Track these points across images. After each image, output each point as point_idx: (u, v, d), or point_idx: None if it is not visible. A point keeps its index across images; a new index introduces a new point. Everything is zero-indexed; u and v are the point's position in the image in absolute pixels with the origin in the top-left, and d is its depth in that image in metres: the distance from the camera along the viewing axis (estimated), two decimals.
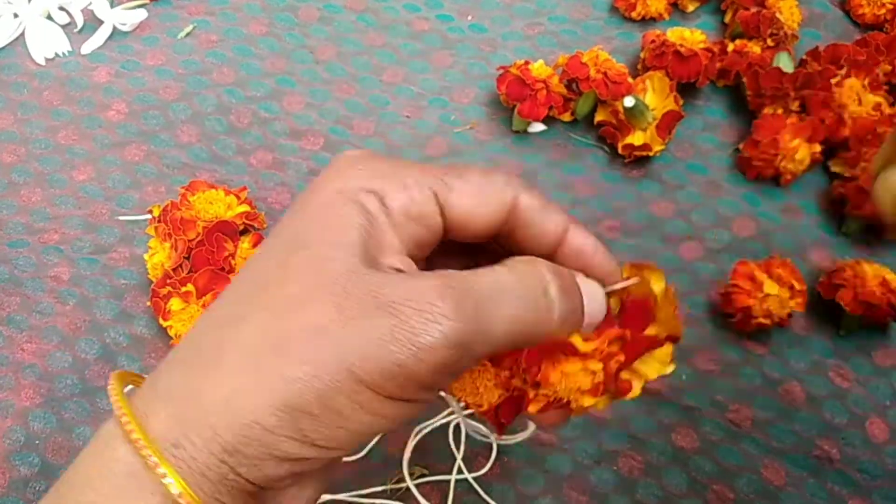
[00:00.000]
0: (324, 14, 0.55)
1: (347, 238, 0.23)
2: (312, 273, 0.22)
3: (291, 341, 0.22)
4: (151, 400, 0.23)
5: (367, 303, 0.22)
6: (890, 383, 0.43)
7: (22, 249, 0.46)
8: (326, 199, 0.24)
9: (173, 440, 0.22)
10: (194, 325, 0.25)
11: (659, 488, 0.40)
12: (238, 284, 0.24)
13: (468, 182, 0.25)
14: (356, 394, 0.22)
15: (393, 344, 0.21)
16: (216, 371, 0.22)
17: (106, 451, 0.23)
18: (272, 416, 0.22)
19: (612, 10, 0.55)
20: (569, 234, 0.26)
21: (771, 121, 0.47)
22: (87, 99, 0.51)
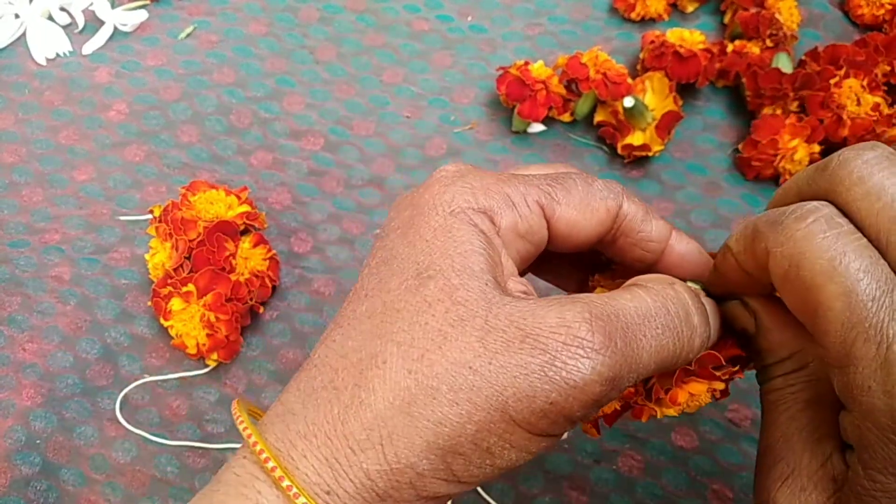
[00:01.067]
0: (324, 14, 0.55)
1: (474, 264, 0.22)
2: (449, 305, 0.22)
3: (440, 381, 0.21)
4: (290, 438, 0.22)
5: (511, 335, 0.21)
6: None
7: (23, 249, 0.46)
8: (440, 223, 0.23)
9: (326, 487, 0.21)
10: (318, 358, 0.24)
11: (658, 487, 0.41)
12: (361, 315, 0.23)
13: (571, 192, 0.25)
14: (508, 433, 0.21)
15: (545, 382, 0.21)
16: (364, 413, 0.21)
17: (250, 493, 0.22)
18: (425, 459, 0.21)
19: (612, 11, 0.55)
20: (672, 240, 0.26)
21: (770, 121, 0.47)
22: (88, 99, 0.51)
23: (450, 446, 0.21)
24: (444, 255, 0.22)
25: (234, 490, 0.22)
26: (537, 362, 0.21)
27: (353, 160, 0.50)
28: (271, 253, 0.44)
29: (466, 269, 0.22)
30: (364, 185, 0.49)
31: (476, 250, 0.22)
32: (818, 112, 0.47)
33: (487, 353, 0.21)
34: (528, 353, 0.21)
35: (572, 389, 0.21)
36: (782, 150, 0.47)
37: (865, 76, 0.47)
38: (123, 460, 0.41)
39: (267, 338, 0.44)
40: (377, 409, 0.21)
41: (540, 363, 0.21)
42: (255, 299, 0.43)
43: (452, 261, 0.22)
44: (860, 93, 0.47)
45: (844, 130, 0.47)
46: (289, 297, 0.45)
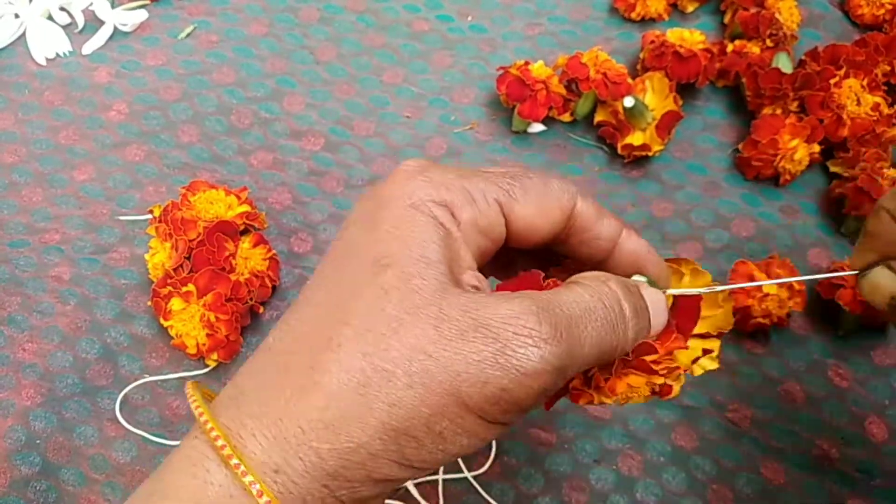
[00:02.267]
0: (324, 15, 0.55)
1: (432, 255, 0.23)
2: (405, 292, 0.22)
3: (395, 365, 0.21)
4: (241, 418, 0.22)
5: (465, 324, 0.22)
6: (889, 383, 0.43)
7: (23, 249, 0.46)
8: (400, 214, 0.23)
9: (274, 465, 0.22)
10: (272, 341, 0.24)
11: (658, 487, 0.41)
12: (318, 300, 0.24)
13: (529, 192, 0.25)
14: (460, 418, 0.22)
15: (497, 369, 0.21)
16: (316, 394, 0.22)
17: (198, 472, 0.22)
18: (377, 440, 0.22)
19: (612, 11, 0.55)
20: (622, 238, 0.27)
21: (770, 121, 0.47)
22: (88, 99, 0.51)
23: (403, 428, 0.22)
24: (402, 244, 0.23)
25: (183, 469, 0.22)
26: (490, 350, 0.21)
27: (353, 160, 0.50)
28: (271, 253, 0.44)
29: (423, 258, 0.23)
30: (364, 185, 0.49)
31: (433, 241, 0.23)
32: (818, 112, 0.47)
33: (442, 340, 0.22)
34: (481, 342, 0.22)
35: (523, 377, 0.22)
36: (782, 149, 0.47)
37: (865, 76, 0.47)
38: (123, 460, 0.41)
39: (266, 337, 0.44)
40: (330, 389, 0.22)
41: (492, 351, 0.21)
42: (254, 299, 0.43)
43: (410, 250, 0.23)
44: (860, 93, 0.47)
45: (844, 130, 0.47)
46: (289, 297, 0.45)
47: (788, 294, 0.43)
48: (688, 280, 0.28)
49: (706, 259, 0.46)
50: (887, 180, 0.44)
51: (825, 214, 0.48)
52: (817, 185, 0.49)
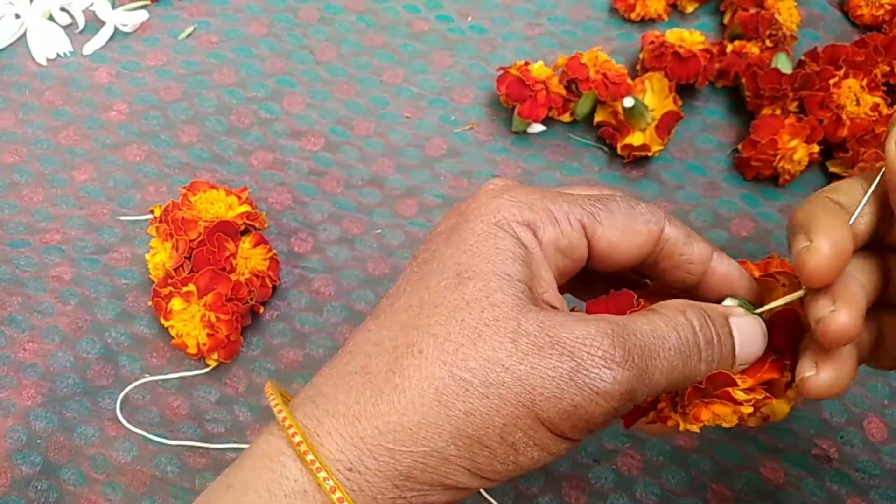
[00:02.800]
0: (324, 15, 0.55)
1: (513, 272, 0.24)
2: (485, 305, 0.23)
3: (473, 375, 0.22)
4: (318, 416, 0.23)
5: (542, 341, 0.23)
6: (888, 382, 0.43)
7: (23, 249, 0.46)
8: (484, 230, 0.24)
9: (348, 463, 0.23)
10: (352, 345, 0.25)
11: (658, 487, 0.41)
12: (399, 308, 0.25)
13: (614, 214, 0.26)
14: (532, 430, 0.23)
15: (571, 386, 0.22)
16: (396, 397, 0.23)
17: (275, 466, 0.23)
18: (452, 446, 0.23)
19: (612, 11, 0.55)
20: (713, 262, 0.27)
21: (769, 121, 0.47)
22: (89, 99, 0.51)
23: (477, 437, 0.23)
24: (485, 259, 0.24)
25: (259, 463, 0.24)
26: (565, 367, 0.22)
27: (353, 160, 0.50)
28: (271, 253, 0.44)
29: (505, 274, 0.24)
30: (364, 185, 0.49)
31: (515, 259, 0.24)
32: (817, 112, 0.47)
33: (519, 354, 0.22)
34: (557, 359, 0.22)
35: (595, 395, 0.23)
36: (782, 150, 0.47)
37: (865, 76, 0.47)
38: (124, 460, 0.41)
39: (267, 338, 0.44)
40: (410, 394, 0.23)
41: (567, 369, 0.22)
42: (255, 299, 0.43)
43: (493, 266, 0.24)
44: (859, 93, 0.47)
45: (844, 130, 0.47)
46: (289, 297, 0.45)
47: None
48: (782, 292, 0.27)
49: None
50: None
51: None
52: (817, 186, 0.49)
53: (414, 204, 0.49)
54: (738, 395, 0.25)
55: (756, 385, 0.26)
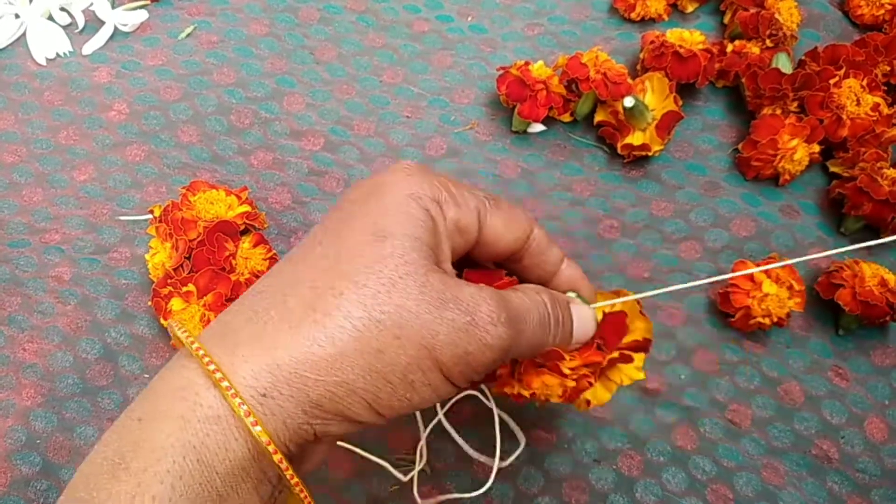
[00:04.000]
0: (324, 15, 0.55)
1: (423, 237, 0.27)
2: (399, 261, 0.26)
3: (388, 317, 0.25)
4: (231, 347, 0.25)
5: (445, 296, 0.26)
6: (888, 383, 0.43)
7: (23, 249, 0.46)
8: (400, 199, 0.27)
9: (262, 389, 0.24)
10: (264, 286, 0.27)
11: (658, 487, 0.41)
12: (317, 256, 0.27)
13: (501, 209, 0.30)
14: (430, 371, 0.26)
15: (465, 335, 0.26)
16: (317, 330, 0.25)
17: (188, 395, 0.24)
18: (362, 379, 0.25)
19: (612, 11, 0.55)
20: (563, 265, 0.32)
21: (769, 121, 0.47)
22: (88, 99, 0.51)
23: (384, 372, 0.25)
24: (399, 224, 0.27)
25: (171, 394, 0.25)
26: (462, 320, 0.26)
27: (353, 160, 0.50)
28: (271, 253, 0.44)
29: (416, 238, 0.27)
30: None
31: (426, 227, 0.27)
32: (818, 112, 0.47)
33: (425, 304, 0.26)
34: (456, 312, 0.26)
35: (484, 346, 0.27)
36: (782, 149, 0.47)
37: (865, 76, 0.47)
38: None
39: None
40: (330, 329, 0.25)
41: (464, 322, 0.26)
42: None
43: (407, 229, 0.27)
44: (860, 93, 0.47)
45: (844, 130, 0.47)
46: None
47: (788, 294, 0.43)
48: (619, 305, 0.34)
49: (706, 259, 0.47)
50: (887, 180, 0.44)
51: (825, 214, 0.48)
52: (817, 185, 0.49)
53: None
54: (565, 369, 0.31)
55: (581, 365, 0.32)
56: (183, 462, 0.24)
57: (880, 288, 0.42)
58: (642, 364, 0.33)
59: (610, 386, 0.34)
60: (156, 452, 0.24)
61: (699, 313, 0.45)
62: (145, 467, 0.24)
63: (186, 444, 0.24)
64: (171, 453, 0.24)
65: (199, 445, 0.24)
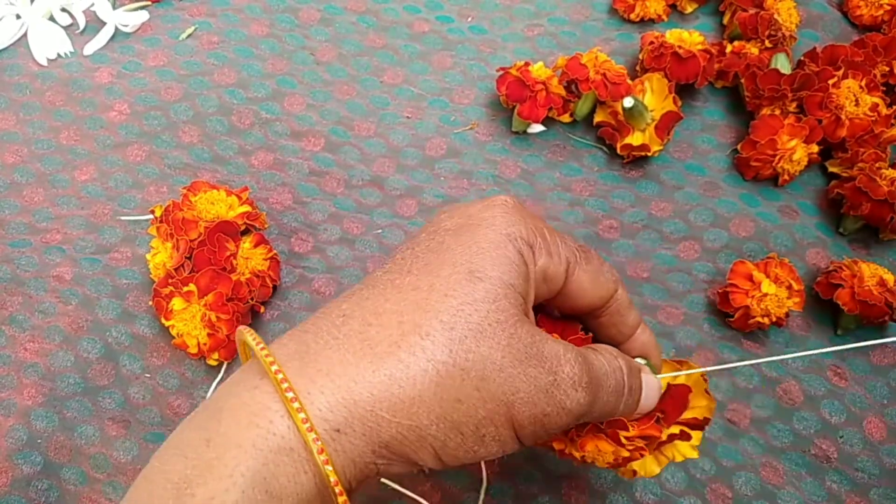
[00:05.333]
0: (325, 15, 0.55)
1: (517, 284, 0.26)
2: (491, 307, 0.25)
3: (472, 366, 0.24)
4: (310, 374, 0.24)
5: (531, 352, 0.25)
6: (887, 382, 0.43)
7: (24, 249, 0.46)
8: (496, 239, 0.27)
9: (336, 424, 0.24)
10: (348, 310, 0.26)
11: (658, 486, 0.41)
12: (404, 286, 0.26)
13: (591, 263, 0.29)
14: (503, 427, 0.25)
15: (546, 397, 0.25)
16: (399, 370, 0.24)
17: (261, 422, 0.23)
18: (434, 426, 0.24)
19: (611, 12, 0.55)
20: (638, 330, 0.32)
21: (769, 121, 0.47)
22: (89, 100, 0.51)
23: (458, 423, 0.24)
24: (495, 266, 0.26)
25: (244, 418, 0.24)
26: (545, 379, 0.25)
27: (353, 160, 0.50)
28: (272, 253, 0.44)
29: (510, 284, 0.26)
30: (364, 186, 0.49)
31: (519, 272, 0.26)
32: (816, 112, 0.47)
33: (511, 356, 0.25)
34: (539, 370, 0.25)
35: (562, 410, 0.26)
36: (781, 150, 0.47)
37: (864, 77, 0.47)
38: (124, 459, 0.41)
39: (268, 337, 0.44)
40: (413, 371, 0.24)
41: (547, 381, 0.25)
42: (255, 299, 0.43)
43: (501, 273, 0.26)
44: (858, 93, 0.47)
45: (843, 131, 0.47)
46: (289, 297, 0.45)
47: (787, 294, 0.43)
48: (682, 378, 0.33)
49: (705, 259, 0.47)
50: (886, 180, 0.45)
51: (824, 214, 0.48)
52: (816, 186, 0.49)
53: (414, 204, 0.49)
54: (623, 439, 0.30)
55: (638, 436, 0.31)
56: (252, 493, 0.23)
57: (879, 288, 0.42)
58: (699, 443, 0.32)
59: (661, 460, 0.33)
60: (224, 481, 0.23)
61: (698, 313, 0.45)
62: (212, 496, 0.23)
63: (256, 475, 0.23)
64: (240, 483, 0.23)
65: (270, 477, 0.23)
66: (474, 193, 0.49)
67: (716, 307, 0.45)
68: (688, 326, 0.45)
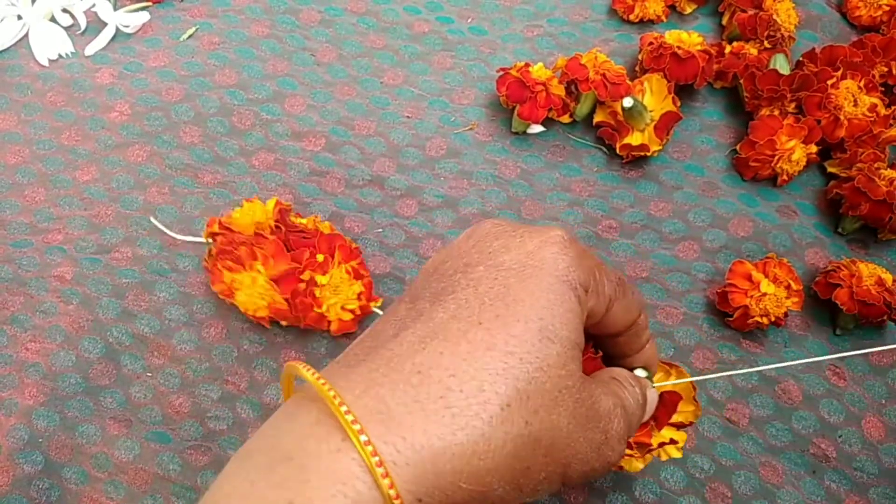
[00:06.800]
0: (325, 17, 0.55)
1: (580, 341, 0.27)
2: (562, 373, 0.26)
3: (543, 436, 0.25)
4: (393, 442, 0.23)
5: (589, 414, 0.27)
6: (886, 382, 0.44)
7: (26, 249, 0.47)
8: (561, 289, 0.27)
9: (419, 494, 0.24)
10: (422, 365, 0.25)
11: (657, 486, 0.41)
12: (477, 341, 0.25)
13: (626, 296, 0.30)
14: (556, 482, 0.26)
15: (597, 455, 0.27)
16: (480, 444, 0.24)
17: (349, 492, 0.23)
18: (502, 488, 0.25)
19: (611, 13, 0.55)
20: (648, 344, 0.33)
21: (767, 122, 0.48)
22: (91, 100, 0.51)
23: (521, 484, 0.25)
24: (564, 325, 0.26)
25: (331, 486, 0.23)
26: (598, 439, 0.27)
27: (354, 160, 0.50)
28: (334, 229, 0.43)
29: (576, 343, 0.27)
30: (365, 186, 0.49)
31: (580, 325, 0.27)
32: (815, 113, 0.47)
33: (576, 422, 0.26)
34: (595, 432, 0.27)
35: (608, 465, 0.28)
36: (780, 150, 0.47)
37: (863, 77, 0.48)
38: (125, 458, 0.41)
39: (269, 336, 0.44)
40: (493, 444, 0.24)
41: (599, 441, 0.27)
42: None
43: (569, 333, 0.26)
44: (857, 94, 0.47)
45: (841, 131, 0.47)
46: None
47: (786, 294, 0.43)
48: (674, 379, 0.35)
49: (704, 259, 0.47)
50: (884, 181, 0.45)
51: (822, 214, 0.48)
52: (815, 186, 0.49)
53: (414, 204, 0.49)
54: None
55: (631, 443, 0.33)
56: None
57: (878, 287, 0.42)
58: (683, 444, 0.35)
59: (647, 458, 0.35)
60: None
61: (697, 312, 0.45)
62: None
63: None
64: None
65: None
66: (474, 193, 0.49)
67: (715, 307, 0.45)
68: (687, 326, 0.45)
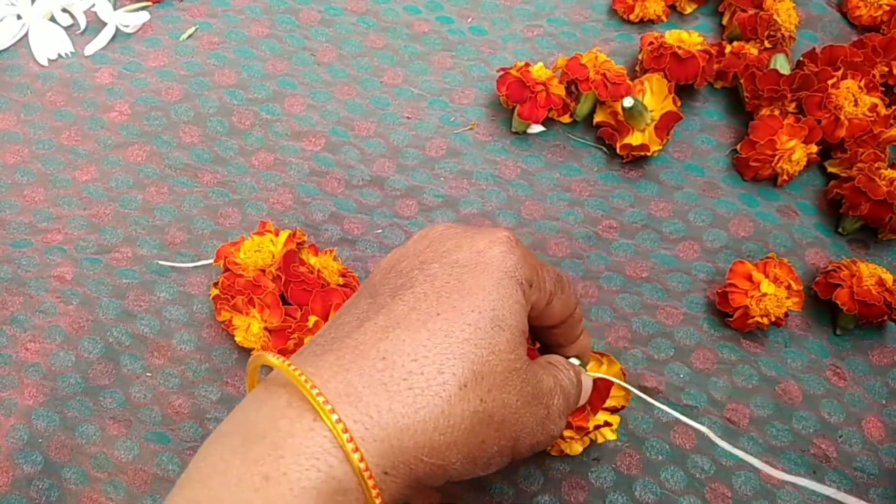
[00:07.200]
0: (325, 16, 0.55)
1: (525, 328, 0.30)
2: (511, 357, 0.28)
3: (496, 412, 0.28)
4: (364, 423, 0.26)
5: (535, 391, 0.29)
6: (886, 382, 0.44)
7: (25, 249, 0.47)
8: (510, 285, 0.29)
9: (385, 468, 0.26)
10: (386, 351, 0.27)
11: (657, 486, 0.41)
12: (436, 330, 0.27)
13: (565, 292, 0.33)
14: (506, 455, 0.29)
15: (541, 429, 0.30)
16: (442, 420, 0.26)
17: (322, 466, 0.25)
18: (459, 461, 0.27)
19: (611, 13, 0.55)
20: (581, 335, 0.36)
21: (768, 122, 0.47)
22: (90, 100, 0.51)
23: (476, 457, 0.27)
24: (512, 315, 0.29)
25: (304, 461, 0.25)
26: (542, 414, 0.30)
27: (353, 160, 0.50)
28: (333, 252, 0.45)
29: (523, 331, 0.29)
30: (365, 186, 0.49)
31: (525, 315, 0.30)
32: (816, 113, 0.47)
33: (523, 399, 0.29)
34: (539, 407, 0.29)
35: (550, 438, 0.30)
36: (780, 150, 0.47)
37: (863, 77, 0.48)
38: (125, 459, 0.41)
39: None
40: (453, 420, 0.26)
41: (543, 416, 0.30)
42: None
43: (517, 322, 0.29)
44: (858, 93, 0.47)
45: (842, 131, 0.47)
46: None
47: (786, 294, 0.43)
48: (605, 368, 0.38)
49: (704, 259, 0.47)
50: (884, 180, 0.45)
51: (823, 214, 0.48)
52: (815, 186, 0.49)
53: (414, 204, 0.49)
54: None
55: (569, 427, 0.37)
56: None
57: (878, 287, 0.42)
58: (617, 426, 0.39)
59: (585, 441, 0.39)
60: None
61: (697, 312, 0.45)
62: None
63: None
64: None
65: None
66: (474, 193, 0.49)
67: (715, 307, 0.45)
68: (687, 326, 0.45)
